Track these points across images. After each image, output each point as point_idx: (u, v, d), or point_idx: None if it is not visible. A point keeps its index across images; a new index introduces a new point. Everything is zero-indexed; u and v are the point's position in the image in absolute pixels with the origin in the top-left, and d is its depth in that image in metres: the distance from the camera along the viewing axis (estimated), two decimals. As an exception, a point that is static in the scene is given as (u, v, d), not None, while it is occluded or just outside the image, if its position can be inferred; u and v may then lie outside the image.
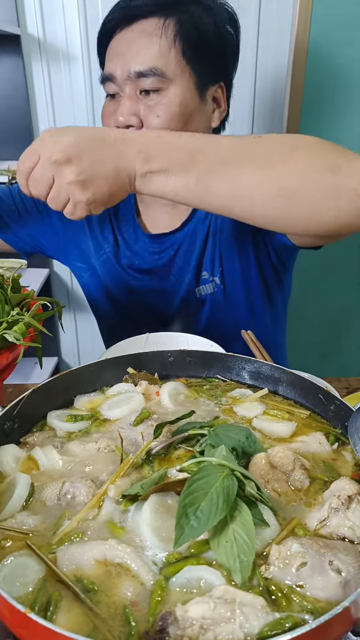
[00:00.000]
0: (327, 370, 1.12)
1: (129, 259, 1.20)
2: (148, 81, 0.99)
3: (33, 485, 0.58)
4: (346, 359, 2.46)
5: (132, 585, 0.47)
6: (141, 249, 1.19)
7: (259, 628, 0.42)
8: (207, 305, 1.20)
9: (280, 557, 0.48)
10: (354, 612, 0.43)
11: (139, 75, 0.98)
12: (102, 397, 0.76)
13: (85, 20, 1.96)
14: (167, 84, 1.00)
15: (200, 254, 1.16)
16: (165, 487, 0.54)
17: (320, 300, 2.29)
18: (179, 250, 1.17)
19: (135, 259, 1.20)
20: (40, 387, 0.70)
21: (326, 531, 0.52)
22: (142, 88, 1.00)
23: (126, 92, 1.00)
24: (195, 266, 1.16)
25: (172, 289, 1.20)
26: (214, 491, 0.47)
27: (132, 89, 1.00)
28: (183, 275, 1.18)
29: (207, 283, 1.17)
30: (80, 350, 2.53)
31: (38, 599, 0.45)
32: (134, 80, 0.99)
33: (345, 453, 0.65)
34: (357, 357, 2.46)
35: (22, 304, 0.91)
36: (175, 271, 1.18)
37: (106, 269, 1.22)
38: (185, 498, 0.47)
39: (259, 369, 0.79)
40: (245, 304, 1.21)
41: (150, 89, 0.99)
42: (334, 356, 2.44)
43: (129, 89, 1.00)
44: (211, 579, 0.47)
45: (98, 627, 0.44)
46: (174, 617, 0.42)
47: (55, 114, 2.10)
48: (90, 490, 0.56)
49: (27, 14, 1.95)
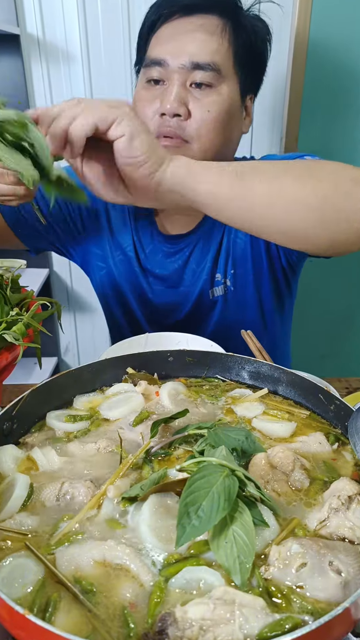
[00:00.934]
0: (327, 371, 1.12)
1: (143, 260, 1.20)
2: (204, 75, 0.98)
3: (32, 486, 0.57)
4: (346, 359, 2.45)
5: (131, 586, 0.47)
6: (156, 249, 1.19)
7: (259, 629, 0.42)
8: (217, 307, 1.20)
9: (280, 558, 0.48)
10: (354, 613, 0.43)
11: (195, 67, 0.97)
12: (101, 397, 0.76)
13: (84, 20, 1.95)
14: (220, 82, 1.00)
15: (215, 255, 1.16)
16: (164, 487, 0.54)
17: (320, 300, 2.29)
18: (193, 252, 1.17)
19: (149, 260, 1.20)
20: (39, 388, 0.69)
21: (326, 532, 0.52)
22: (195, 80, 0.98)
23: (175, 80, 0.98)
24: (210, 267, 1.16)
25: (184, 290, 1.20)
26: (215, 490, 0.47)
27: (183, 78, 0.98)
28: (197, 277, 1.18)
29: (219, 285, 1.18)
30: (80, 350, 2.53)
31: (37, 600, 0.45)
32: (188, 70, 0.98)
33: (346, 453, 0.65)
34: (358, 358, 2.46)
35: (22, 304, 0.91)
36: (189, 273, 1.18)
37: (122, 268, 1.22)
38: (187, 497, 0.47)
39: (258, 369, 0.78)
40: (255, 307, 1.20)
41: (204, 82, 0.98)
42: (334, 356, 2.44)
43: (180, 77, 0.98)
44: (211, 580, 0.46)
45: (97, 628, 0.43)
46: (174, 618, 0.42)
47: (55, 114, 2.10)
48: (89, 490, 0.56)
49: (27, 13, 1.94)
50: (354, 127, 2.07)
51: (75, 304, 2.41)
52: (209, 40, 0.98)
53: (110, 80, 2.03)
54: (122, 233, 1.20)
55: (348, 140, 2.09)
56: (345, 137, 2.08)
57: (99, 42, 1.99)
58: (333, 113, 2.04)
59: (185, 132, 1.00)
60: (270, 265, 1.17)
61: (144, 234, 1.19)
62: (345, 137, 2.09)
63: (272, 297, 1.22)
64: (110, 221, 1.21)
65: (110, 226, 1.21)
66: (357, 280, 2.31)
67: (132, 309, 1.25)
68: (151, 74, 1.01)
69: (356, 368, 2.40)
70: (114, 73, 2.02)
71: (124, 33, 1.97)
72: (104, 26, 1.97)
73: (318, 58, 1.94)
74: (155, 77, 1.00)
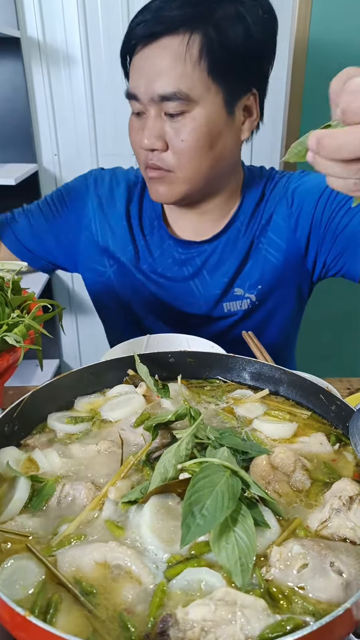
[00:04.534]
0: (328, 371, 1.11)
1: (150, 264, 1.17)
2: (172, 105, 0.95)
3: (33, 488, 0.57)
4: (348, 360, 2.45)
5: (133, 587, 0.47)
6: (165, 252, 1.16)
7: (260, 630, 0.42)
8: (233, 321, 1.17)
9: (281, 559, 0.48)
10: (355, 613, 0.43)
11: (162, 99, 0.95)
12: (102, 399, 0.76)
13: (85, 23, 1.96)
14: (192, 106, 0.95)
15: (237, 268, 1.13)
16: (165, 488, 0.54)
17: (322, 301, 2.29)
18: (207, 262, 1.14)
19: (157, 264, 1.17)
20: (41, 389, 0.70)
21: (327, 532, 0.52)
22: (166, 111, 0.96)
23: (151, 113, 0.97)
24: (227, 282, 1.13)
25: (192, 300, 1.17)
26: (218, 489, 0.47)
27: (156, 110, 0.97)
28: (208, 289, 1.15)
29: (240, 299, 1.14)
30: (81, 352, 2.53)
31: (38, 602, 0.45)
32: (157, 102, 0.96)
33: (347, 454, 0.65)
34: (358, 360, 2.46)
35: (23, 306, 0.91)
36: (200, 284, 1.15)
37: (124, 273, 1.19)
38: (191, 497, 0.47)
39: (259, 369, 0.78)
40: (277, 322, 1.19)
41: (174, 112, 0.96)
42: (335, 357, 2.43)
43: (154, 110, 0.97)
44: (212, 581, 0.46)
45: (97, 630, 0.43)
46: (175, 620, 0.42)
47: (56, 117, 2.11)
48: (90, 492, 0.56)
49: (27, 16, 1.95)
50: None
51: (77, 306, 2.42)
52: (172, 67, 0.93)
53: (111, 84, 2.04)
54: (118, 240, 1.18)
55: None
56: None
57: (99, 45, 2.00)
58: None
59: (165, 163, 1.00)
60: (298, 282, 1.15)
61: (152, 237, 1.17)
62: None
63: (293, 311, 1.21)
64: (98, 231, 1.20)
65: (98, 237, 1.20)
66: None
67: (133, 315, 1.23)
68: (133, 107, 1.01)
69: (358, 368, 2.40)
70: (115, 76, 2.02)
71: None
72: (104, 29, 1.98)
73: (318, 61, 1.94)
74: (136, 110, 1.01)
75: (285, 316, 1.20)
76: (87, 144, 2.16)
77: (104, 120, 2.12)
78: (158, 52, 0.94)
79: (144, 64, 0.95)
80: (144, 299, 1.20)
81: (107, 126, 2.13)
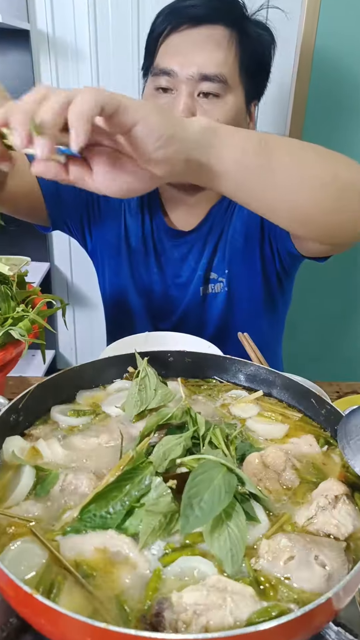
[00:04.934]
0: (319, 374, 1.15)
1: (149, 251, 1.23)
2: (211, 85, 1.01)
3: (38, 476, 0.61)
4: (337, 363, 2.49)
5: (130, 572, 0.50)
6: (162, 241, 1.22)
7: (248, 615, 0.45)
8: (214, 307, 1.23)
9: (269, 551, 0.51)
10: (335, 603, 0.46)
11: (203, 78, 1.00)
12: (103, 394, 0.79)
13: (94, 18, 1.97)
14: (227, 92, 1.03)
15: (212, 253, 1.20)
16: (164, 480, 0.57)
17: (312, 304, 2.33)
18: (192, 249, 1.21)
19: (157, 251, 1.23)
20: (45, 382, 0.72)
21: (313, 528, 0.55)
22: (203, 90, 1.01)
23: (183, 90, 1.01)
24: (205, 265, 1.20)
25: (181, 286, 1.23)
26: (216, 484, 0.51)
27: (190, 88, 1.01)
28: (193, 274, 1.21)
29: (215, 283, 1.21)
30: (77, 344, 2.56)
31: (42, 582, 0.48)
32: (196, 81, 1.01)
33: (334, 455, 0.68)
34: (349, 361, 2.50)
35: (27, 300, 0.93)
36: (187, 269, 1.22)
37: (129, 260, 1.24)
38: (189, 490, 0.50)
39: (255, 371, 0.82)
40: (247, 308, 1.24)
41: (211, 92, 1.01)
42: (325, 360, 2.47)
43: (188, 87, 1.01)
44: (204, 569, 0.50)
45: (98, 609, 0.47)
46: (170, 603, 0.46)
47: (62, 110, 2.12)
48: (91, 482, 0.59)
49: (37, 9, 1.96)
50: (357, 137, 2.10)
51: (75, 298, 2.44)
52: (216, 51, 1.01)
53: (118, 80, 2.06)
54: (131, 224, 1.23)
55: (351, 150, 2.12)
56: (348, 146, 2.11)
57: (108, 41, 2.01)
58: (336, 123, 2.07)
59: None
60: (263, 267, 1.20)
61: (155, 225, 1.22)
62: (349, 147, 2.12)
63: (263, 299, 1.25)
64: (125, 211, 1.23)
65: (125, 216, 1.24)
66: (349, 283, 2.35)
67: (131, 304, 1.28)
68: (160, 82, 1.03)
69: (347, 372, 2.44)
70: (122, 72, 2.04)
71: (133, 33, 2.00)
72: (114, 25, 1.99)
73: (323, 68, 1.97)
74: (163, 86, 1.03)
75: (259, 307, 1.25)
76: (92, 139, 2.17)
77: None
78: (202, 37, 1.01)
79: (185, 43, 1.01)
80: (139, 285, 1.25)
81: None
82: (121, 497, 0.55)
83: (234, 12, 1.05)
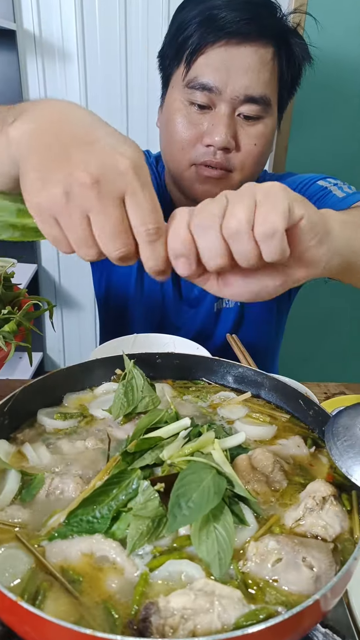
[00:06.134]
0: (307, 375, 1.16)
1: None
2: (255, 108, 0.97)
3: (23, 480, 0.60)
4: (326, 364, 2.51)
5: (117, 577, 0.50)
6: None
7: (236, 618, 0.45)
8: (225, 320, 1.22)
9: (257, 553, 0.51)
10: (323, 605, 0.46)
11: (248, 100, 0.96)
12: (90, 396, 0.78)
13: (82, 19, 1.97)
14: (269, 113, 0.99)
15: None
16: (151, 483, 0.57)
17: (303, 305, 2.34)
18: None
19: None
20: (31, 385, 0.72)
21: (301, 530, 0.55)
22: (244, 113, 0.97)
23: (224, 110, 0.96)
24: None
25: (192, 301, 1.22)
26: (205, 484, 0.50)
27: (232, 107, 0.96)
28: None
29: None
30: (65, 346, 2.54)
31: (27, 589, 0.48)
32: (239, 101, 0.96)
33: (322, 456, 0.68)
34: (337, 363, 2.52)
35: (14, 302, 0.93)
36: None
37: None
38: (178, 489, 0.50)
39: (243, 373, 0.82)
40: (258, 319, 1.23)
41: (254, 115, 0.97)
42: (314, 361, 2.49)
43: (228, 108, 0.96)
44: (192, 573, 0.49)
45: (84, 616, 0.46)
46: (157, 607, 0.45)
47: (49, 111, 2.11)
48: (78, 486, 0.58)
49: (24, 9, 1.95)
50: (342, 139, 2.12)
51: (62, 300, 2.42)
52: (262, 71, 0.95)
53: (106, 81, 2.05)
54: None
55: (337, 153, 2.14)
56: (333, 149, 2.13)
57: (95, 43, 2.01)
58: (322, 126, 2.09)
59: (229, 163, 1.00)
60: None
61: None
62: (334, 150, 2.13)
63: (274, 309, 1.25)
64: None
65: None
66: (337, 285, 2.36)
67: (135, 313, 1.26)
68: (196, 97, 0.97)
69: (334, 373, 2.46)
70: (110, 74, 2.04)
71: (121, 34, 1.99)
72: (101, 27, 1.99)
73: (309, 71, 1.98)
74: (200, 102, 0.97)
75: (268, 320, 1.24)
76: (79, 140, 2.16)
77: (97, 116, 2.12)
78: (249, 53, 0.95)
79: (231, 59, 0.94)
80: (145, 295, 1.23)
81: (99, 123, 2.13)
82: (108, 501, 0.54)
83: (282, 29, 0.98)
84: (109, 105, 2.08)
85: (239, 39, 0.93)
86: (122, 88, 2.05)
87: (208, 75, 0.95)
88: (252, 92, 0.95)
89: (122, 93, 2.08)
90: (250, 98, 0.96)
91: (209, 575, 0.49)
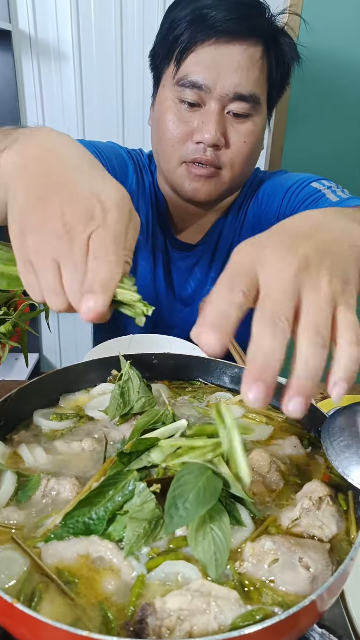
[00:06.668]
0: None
1: (157, 268, 1.21)
2: (244, 106, 0.97)
3: (19, 481, 0.60)
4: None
5: (113, 578, 0.50)
6: (169, 256, 1.21)
7: (232, 619, 0.45)
8: None
9: (254, 554, 0.51)
10: (320, 605, 0.46)
11: (238, 97, 0.96)
12: (86, 397, 0.78)
13: (77, 20, 1.96)
14: (257, 111, 1.00)
15: (221, 269, 1.18)
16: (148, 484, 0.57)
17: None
18: (199, 261, 1.19)
19: (165, 268, 1.21)
20: (27, 386, 0.71)
21: (297, 530, 0.55)
22: (234, 110, 0.98)
23: (214, 108, 0.97)
24: (216, 279, 1.18)
25: (186, 299, 1.22)
26: (201, 486, 0.50)
27: (221, 106, 0.97)
28: (201, 286, 1.20)
29: None
30: (61, 347, 2.53)
31: (23, 590, 0.47)
32: (229, 99, 0.97)
33: (318, 456, 0.68)
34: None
35: (9, 302, 0.92)
36: (193, 282, 1.21)
37: (136, 267, 1.23)
38: (175, 490, 0.50)
39: (239, 373, 0.82)
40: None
41: (243, 113, 0.98)
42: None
43: (218, 106, 0.97)
44: (188, 574, 0.49)
45: (80, 617, 0.46)
46: (153, 609, 0.45)
47: (45, 112, 2.11)
48: (74, 487, 0.58)
49: (19, 9, 1.95)
50: (338, 138, 2.13)
51: (58, 301, 2.42)
52: (251, 69, 0.96)
53: (101, 81, 2.05)
54: (140, 239, 1.22)
55: (332, 151, 2.14)
56: (329, 148, 2.13)
57: (91, 43, 2.01)
58: (317, 124, 2.09)
59: (219, 160, 1.01)
60: None
61: (161, 242, 1.21)
62: (329, 148, 2.14)
63: None
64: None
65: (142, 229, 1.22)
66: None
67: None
68: (186, 95, 0.98)
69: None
70: (105, 74, 2.04)
71: (116, 34, 1.99)
72: (97, 26, 1.99)
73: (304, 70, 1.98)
74: (190, 100, 0.98)
75: None
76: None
77: (92, 117, 2.12)
78: (238, 52, 0.95)
79: (220, 58, 0.95)
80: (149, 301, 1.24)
81: (96, 123, 2.13)
82: (104, 502, 0.54)
83: (271, 28, 0.99)
84: (105, 105, 2.08)
85: (228, 38, 0.94)
86: (117, 88, 2.04)
87: (198, 73, 0.97)
88: (241, 90, 0.97)
89: (117, 93, 2.08)
90: (239, 96, 0.97)
91: (206, 576, 0.49)
